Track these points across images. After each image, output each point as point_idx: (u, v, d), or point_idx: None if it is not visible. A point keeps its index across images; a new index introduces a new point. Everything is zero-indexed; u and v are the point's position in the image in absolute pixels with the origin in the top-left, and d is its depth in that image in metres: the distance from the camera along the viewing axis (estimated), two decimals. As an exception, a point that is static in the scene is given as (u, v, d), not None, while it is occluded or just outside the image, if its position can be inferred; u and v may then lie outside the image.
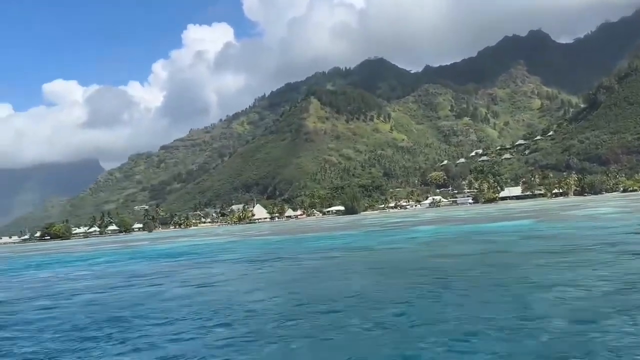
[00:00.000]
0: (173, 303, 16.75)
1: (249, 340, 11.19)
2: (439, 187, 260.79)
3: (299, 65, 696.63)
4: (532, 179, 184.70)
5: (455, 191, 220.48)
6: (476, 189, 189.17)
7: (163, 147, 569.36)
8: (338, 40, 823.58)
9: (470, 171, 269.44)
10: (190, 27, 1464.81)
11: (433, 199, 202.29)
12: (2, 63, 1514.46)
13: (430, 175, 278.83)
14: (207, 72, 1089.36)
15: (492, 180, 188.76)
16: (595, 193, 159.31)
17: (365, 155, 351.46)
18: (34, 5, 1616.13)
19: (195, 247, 52.41)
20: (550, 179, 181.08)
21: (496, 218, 62.34)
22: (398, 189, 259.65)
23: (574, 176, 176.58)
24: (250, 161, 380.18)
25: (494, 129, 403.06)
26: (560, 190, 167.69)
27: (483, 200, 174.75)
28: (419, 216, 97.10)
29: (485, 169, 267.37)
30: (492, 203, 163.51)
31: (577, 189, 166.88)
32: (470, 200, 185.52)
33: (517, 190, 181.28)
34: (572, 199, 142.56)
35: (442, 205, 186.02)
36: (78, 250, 71.11)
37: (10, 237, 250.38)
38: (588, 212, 57.10)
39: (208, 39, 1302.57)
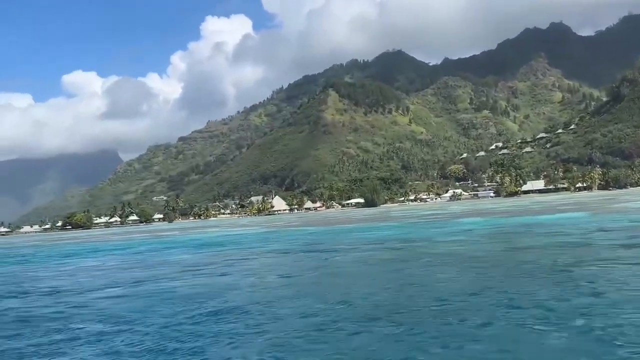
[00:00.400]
0: (276, 293, 15.84)
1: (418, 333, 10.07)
2: (458, 180, 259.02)
3: (317, 58, 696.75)
4: (556, 172, 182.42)
5: (476, 184, 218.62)
6: (497, 182, 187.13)
7: (181, 139, 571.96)
8: (356, 32, 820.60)
9: (490, 164, 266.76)
10: (209, 18, 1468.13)
11: (454, 192, 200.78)
12: (22, 54, 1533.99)
13: (449, 168, 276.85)
14: (225, 64, 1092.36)
15: (514, 174, 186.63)
16: (620, 187, 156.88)
17: (383, 148, 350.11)
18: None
19: (232, 238, 52.02)
20: (573, 173, 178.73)
21: (539, 211, 60.12)
22: (417, 182, 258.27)
23: (598, 170, 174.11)
24: (268, 153, 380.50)
25: (514, 122, 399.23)
26: (584, 184, 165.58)
27: (505, 193, 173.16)
28: (447, 209, 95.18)
29: (505, 162, 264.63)
30: (515, 197, 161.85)
31: (601, 183, 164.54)
32: (492, 194, 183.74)
33: (539, 184, 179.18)
34: (597, 193, 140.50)
35: (462, 199, 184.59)
36: (109, 239, 71.30)
37: (31, 227, 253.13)
38: (636, 205, 55.53)
39: (226, 30, 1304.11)
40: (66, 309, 15.23)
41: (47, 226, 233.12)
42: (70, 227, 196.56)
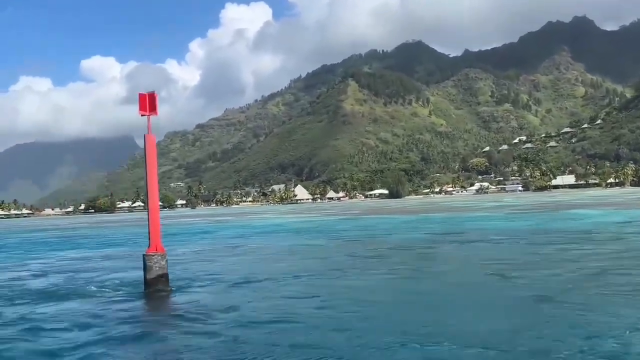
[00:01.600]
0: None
1: None
2: (480, 173, 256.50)
3: (336, 47, 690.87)
4: (588, 167, 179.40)
5: (501, 178, 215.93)
6: (527, 176, 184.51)
7: (199, 126, 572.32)
8: (376, 22, 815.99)
9: (514, 158, 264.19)
10: (229, 5, 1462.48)
11: (481, 185, 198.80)
12: (42, 38, 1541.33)
13: (471, 161, 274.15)
14: (244, 51, 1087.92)
15: (544, 168, 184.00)
16: None
17: (403, 139, 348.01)
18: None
19: (307, 224, 49.62)
20: (606, 168, 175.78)
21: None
22: (438, 175, 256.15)
23: (632, 166, 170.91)
24: (287, 142, 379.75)
25: (536, 116, 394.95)
26: (616, 180, 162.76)
27: (534, 188, 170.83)
28: (503, 200, 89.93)
29: (529, 156, 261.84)
30: (545, 191, 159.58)
31: (634, 179, 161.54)
32: (520, 188, 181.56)
33: (570, 179, 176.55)
34: (631, 189, 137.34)
35: (490, 192, 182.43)
36: (178, 223, 68.99)
37: (52, 209, 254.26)
38: None
39: (246, 18, 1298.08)
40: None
41: (69, 209, 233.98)
42: (93, 210, 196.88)
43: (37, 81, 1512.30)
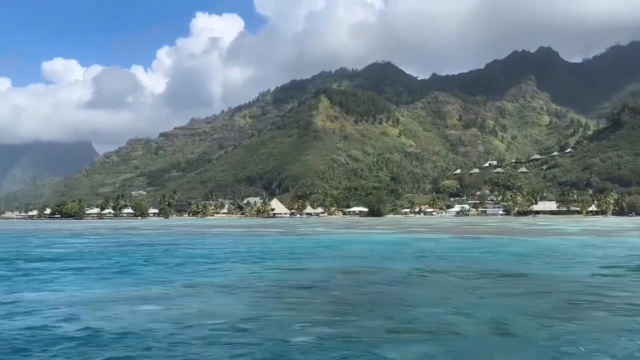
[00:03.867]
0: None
1: None
2: (451, 195, 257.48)
3: (307, 63, 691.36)
4: (569, 194, 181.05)
5: (477, 201, 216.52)
6: (508, 199, 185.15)
7: (162, 134, 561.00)
8: (352, 39, 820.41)
9: (485, 182, 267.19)
10: (200, 15, 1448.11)
11: (462, 207, 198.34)
12: (2, 37, 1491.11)
13: (443, 183, 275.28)
14: (214, 62, 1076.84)
15: (525, 193, 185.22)
16: (638, 214, 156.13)
17: (373, 157, 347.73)
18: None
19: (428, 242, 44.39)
20: (589, 196, 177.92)
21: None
22: (412, 195, 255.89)
23: (614, 195, 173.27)
24: (255, 155, 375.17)
25: (502, 142, 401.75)
26: (597, 209, 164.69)
27: (515, 212, 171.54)
28: (510, 225, 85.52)
29: (500, 181, 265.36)
30: (526, 216, 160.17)
31: (616, 208, 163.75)
32: (502, 212, 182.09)
33: (551, 205, 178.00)
34: (612, 218, 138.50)
35: (470, 215, 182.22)
36: (195, 234, 64.50)
37: (12, 212, 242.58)
38: None
39: (217, 28, 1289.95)
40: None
41: (32, 213, 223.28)
42: (59, 215, 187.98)
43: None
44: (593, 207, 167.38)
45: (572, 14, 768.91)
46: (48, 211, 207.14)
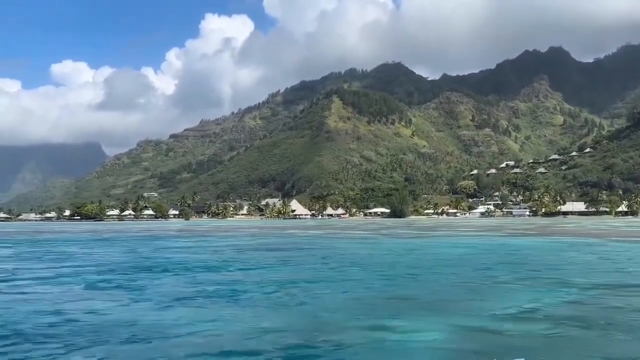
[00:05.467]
0: None
1: None
2: (469, 196, 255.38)
3: (316, 64, 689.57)
4: (599, 194, 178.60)
5: (499, 202, 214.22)
6: (536, 200, 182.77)
7: (173, 136, 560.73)
8: (363, 40, 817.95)
9: (503, 182, 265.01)
10: (209, 16, 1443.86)
11: (487, 208, 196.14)
12: (12, 39, 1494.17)
13: (460, 184, 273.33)
14: (223, 63, 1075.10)
15: (553, 193, 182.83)
16: None
17: (386, 158, 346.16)
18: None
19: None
20: (618, 196, 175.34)
21: None
22: (429, 196, 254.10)
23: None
24: (268, 156, 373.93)
25: (515, 142, 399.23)
26: (626, 209, 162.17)
27: (542, 213, 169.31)
28: (582, 227, 76.86)
29: (518, 181, 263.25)
30: (554, 217, 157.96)
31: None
32: (528, 213, 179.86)
33: (580, 206, 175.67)
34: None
35: (496, 216, 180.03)
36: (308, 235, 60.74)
37: (28, 214, 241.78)
38: None
39: (227, 30, 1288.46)
40: None
41: (49, 215, 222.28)
42: (79, 217, 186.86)
43: (7, 83, 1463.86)
44: (622, 208, 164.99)
45: (582, 13, 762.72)
46: (67, 213, 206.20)
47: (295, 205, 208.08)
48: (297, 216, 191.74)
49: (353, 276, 19.39)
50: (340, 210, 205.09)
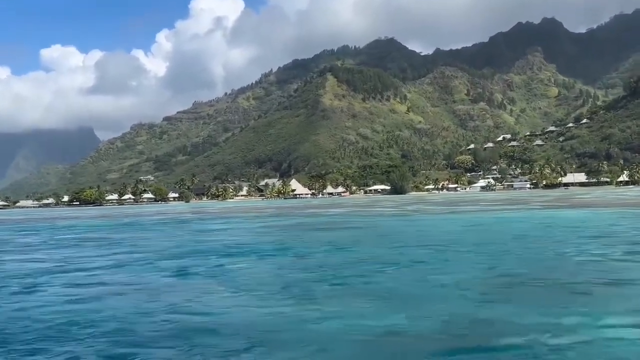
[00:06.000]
0: None
1: None
2: (467, 171, 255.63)
3: (309, 42, 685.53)
4: (600, 165, 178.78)
5: (498, 175, 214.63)
6: (536, 172, 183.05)
7: (166, 119, 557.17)
8: (356, 16, 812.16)
9: (500, 156, 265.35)
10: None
11: (488, 182, 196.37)
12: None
13: (457, 158, 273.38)
14: (215, 44, 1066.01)
15: (554, 165, 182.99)
16: None
17: (382, 135, 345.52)
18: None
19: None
20: (619, 166, 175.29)
21: None
22: (428, 172, 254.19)
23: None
24: (263, 136, 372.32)
25: (511, 115, 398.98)
26: (627, 179, 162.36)
27: (543, 185, 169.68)
28: (601, 197, 77.22)
29: (516, 154, 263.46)
30: (555, 188, 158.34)
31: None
32: (529, 185, 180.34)
33: (581, 177, 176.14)
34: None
35: (497, 190, 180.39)
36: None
37: (27, 201, 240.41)
38: None
39: (217, 9, 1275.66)
40: None
41: (47, 201, 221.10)
42: (78, 203, 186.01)
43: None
44: (623, 177, 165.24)
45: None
46: (66, 199, 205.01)
47: (295, 184, 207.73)
48: (298, 196, 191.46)
49: (450, 257, 17.83)
50: (340, 189, 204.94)
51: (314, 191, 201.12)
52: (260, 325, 9.48)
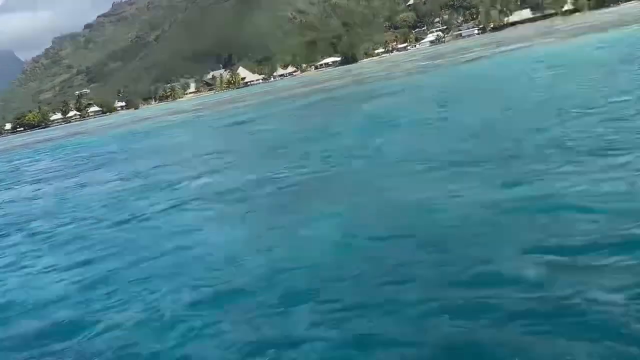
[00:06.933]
0: None
1: None
2: (411, 28, 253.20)
3: None
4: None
5: (444, 26, 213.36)
6: (482, 17, 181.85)
7: (87, 26, 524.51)
8: None
9: (441, 7, 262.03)
10: None
11: (438, 35, 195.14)
12: None
13: (399, 17, 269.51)
14: None
15: (499, 6, 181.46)
16: (613, 3, 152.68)
17: (319, 6, 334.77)
18: None
19: None
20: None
21: None
22: (374, 36, 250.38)
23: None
24: (196, 29, 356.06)
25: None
26: (572, 7, 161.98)
27: (491, 28, 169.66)
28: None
29: (456, 2, 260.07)
30: (504, 29, 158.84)
31: (589, 1, 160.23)
32: (476, 31, 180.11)
33: (526, 13, 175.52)
34: (589, 15, 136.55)
35: (447, 41, 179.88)
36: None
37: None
38: None
39: None
40: None
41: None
42: (22, 128, 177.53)
43: None
44: (568, 7, 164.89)
45: None
46: (8, 127, 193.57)
47: (243, 72, 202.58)
48: (249, 83, 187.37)
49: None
50: (290, 69, 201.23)
51: (264, 75, 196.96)
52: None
